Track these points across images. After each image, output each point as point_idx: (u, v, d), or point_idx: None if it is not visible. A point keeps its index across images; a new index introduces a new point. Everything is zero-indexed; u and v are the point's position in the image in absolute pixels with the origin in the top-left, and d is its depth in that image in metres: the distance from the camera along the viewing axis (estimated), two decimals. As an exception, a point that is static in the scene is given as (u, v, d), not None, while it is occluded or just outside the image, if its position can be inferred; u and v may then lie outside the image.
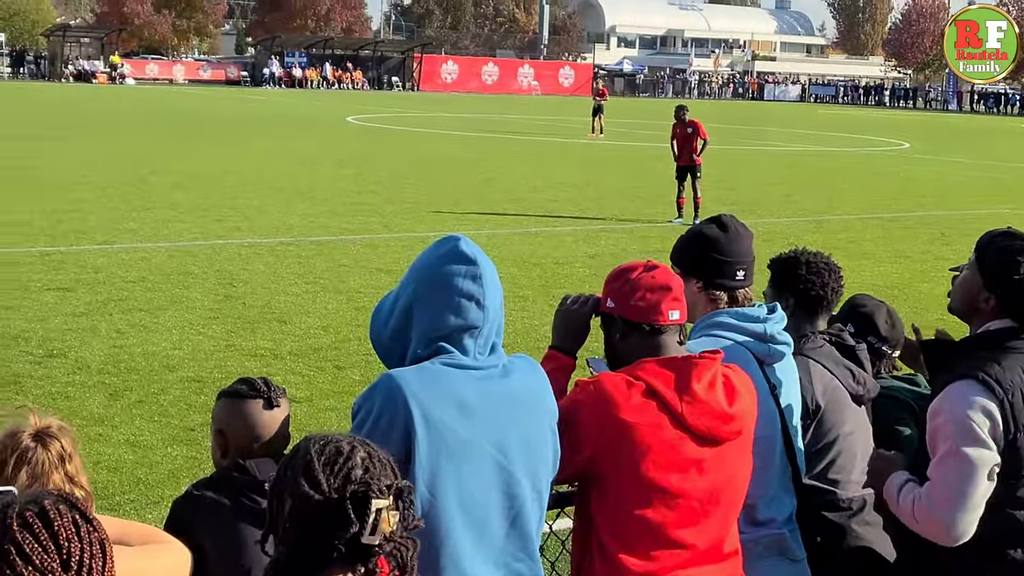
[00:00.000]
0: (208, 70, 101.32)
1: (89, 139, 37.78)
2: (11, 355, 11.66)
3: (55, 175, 27.19)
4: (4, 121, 44.48)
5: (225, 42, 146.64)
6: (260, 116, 55.39)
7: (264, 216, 22.04)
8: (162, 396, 10.54)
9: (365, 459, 2.57)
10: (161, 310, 13.93)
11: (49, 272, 15.88)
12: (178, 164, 30.86)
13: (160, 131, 42.74)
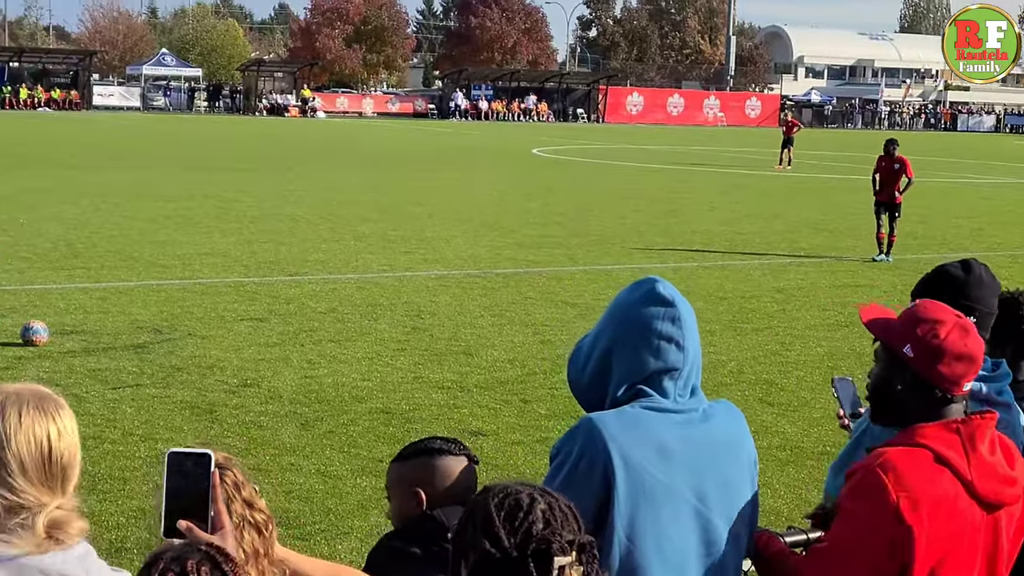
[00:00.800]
0: (396, 103, 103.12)
1: (282, 171, 38.66)
2: (208, 384, 11.94)
3: (250, 207, 27.88)
4: (203, 154, 45.83)
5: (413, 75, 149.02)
6: (447, 148, 56.06)
7: (451, 248, 22.25)
8: (352, 427, 10.66)
9: (546, 511, 2.52)
10: (350, 341, 14.13)
11: (244, 302, 16.25)
12: (366, 196, 31.39)
13: (349, 163, 43.55)
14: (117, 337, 13.87)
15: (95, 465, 9.29)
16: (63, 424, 2.95)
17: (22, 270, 18.14)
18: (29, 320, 13.69)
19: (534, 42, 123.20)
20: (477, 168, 43.30)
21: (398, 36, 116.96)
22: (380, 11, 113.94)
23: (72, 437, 2.96)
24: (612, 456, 3.22)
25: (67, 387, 11.57)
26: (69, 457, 2.94)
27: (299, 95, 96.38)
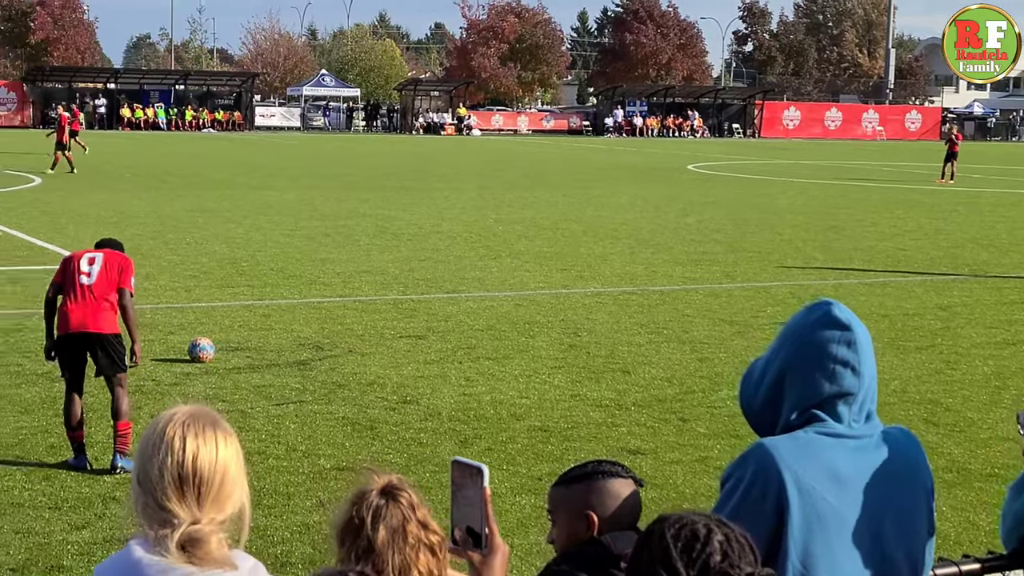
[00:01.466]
0: (551, 120, 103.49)
1: (438, 189, 39.03)
2: (368, 400, 12.09)
3: (407, 225, 28.19)
4: (361, 173, 46.48)
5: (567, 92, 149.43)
6: (602, 165, 56.06)
7: (607, 265, 22.22)
8: (510, 444, 10.69)
9: (723, 542, 2.49)
10: (508, 359, 14.18)
11: (402, 320, 16.42)
12: (522, 213, 31.52)
13: (505, 181, 43.80)
14: (280, 354, 14.13)
15: (260, 480, 9.46)
16: (204, 443, 3.00)
17: (189, 288, 18.57)
18: (196, 337, 14.02)
19: (689, 57, 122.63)
20: (632, 184, 43.23)
21: (553, 54, 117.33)
22: (535, 29, 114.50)
23: (211, 456, 3.00)
24: (785, 482, 3.17)
25: (232, 403, 11.82)
26: (207, 476, 2.98)
27: (455, 113, 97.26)
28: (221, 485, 2.98)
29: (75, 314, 9.82)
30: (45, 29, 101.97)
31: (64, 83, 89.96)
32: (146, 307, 16.79)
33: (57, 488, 9.28)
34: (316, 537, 8.28)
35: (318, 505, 8.95)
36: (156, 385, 12.52)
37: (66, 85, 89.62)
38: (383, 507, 3.40)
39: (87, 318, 9.81)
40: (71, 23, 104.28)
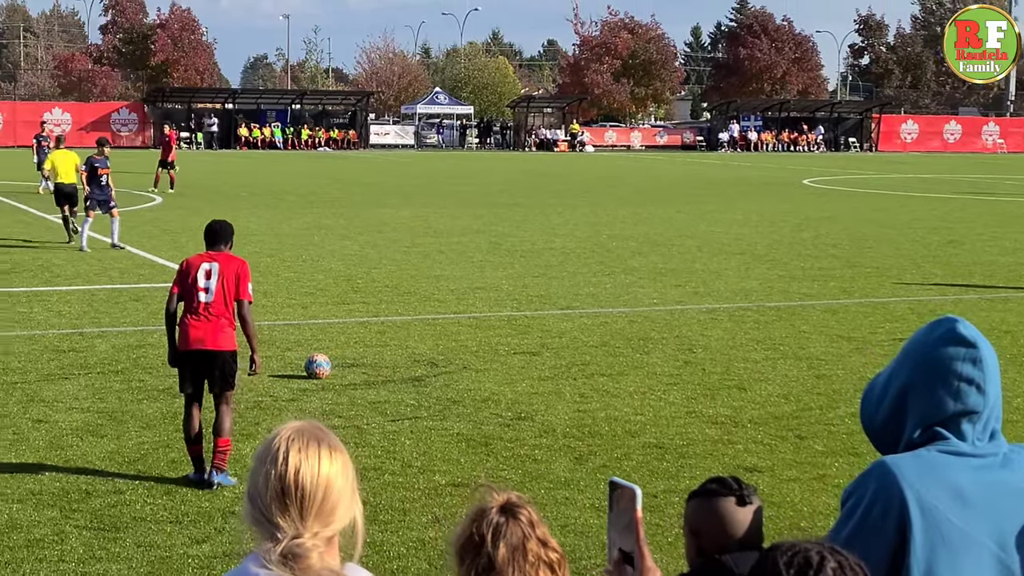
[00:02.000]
0: (664, 136, 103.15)
1: (551, 206, 39.08)
2: (483, 416, 12.12)
3: (521, 241, 28.26)
4: (475, 189, 46.70)
5: (681, 108, 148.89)
6: (716, 180, 55.75)
7: (722, 280, 22.08)
8: (625, 461, 10.65)
9: (836, 570, 2.45)
10: (622, 375, 14.14)
11: (516, 336, 16.45)
12: (636, 229, 31.44)
13: (618, 196, 43.73)
14: (395, 370, 14.23)
15: (376, 496, 9.53)
16: (307, 457, 3.03)
17: (305, 305, 18.78)
18: (312, 354, 14.16)
19: (804, 71, 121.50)
20: (747, 199, 42.92)
21: (666, 69, 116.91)
22: (648, 45, 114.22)
23: (314, 470, 3.02)
24: (908, 501, 3.12)
25: (349, 419, 11.92)
26: (309, 490, 3.01)
27: (568, 130, 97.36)
28: (324, 499, 3.00)
29: (194, 331, 9.96)
30: (165, 51, 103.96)
31: (183, 104, 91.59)
32: (264, 323, 17.01)
33: (178, 502, 9.42)
34: (432, 553, 8.32)
35: (434, 521, 9.00)
36: (273, 401, 12.67)
37: (185, 106, 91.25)
38: (503, 524, 3.41)
39: (206, 336, 9.95)
40: (190, 45, 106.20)
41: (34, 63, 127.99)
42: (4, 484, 9.75)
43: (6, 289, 19.89)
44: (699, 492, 3.90)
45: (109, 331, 16.31)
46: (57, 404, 12.35)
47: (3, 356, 14.58)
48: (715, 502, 3.82)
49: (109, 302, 18.73)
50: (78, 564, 8.11)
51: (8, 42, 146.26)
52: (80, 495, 9.52)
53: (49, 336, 15.93)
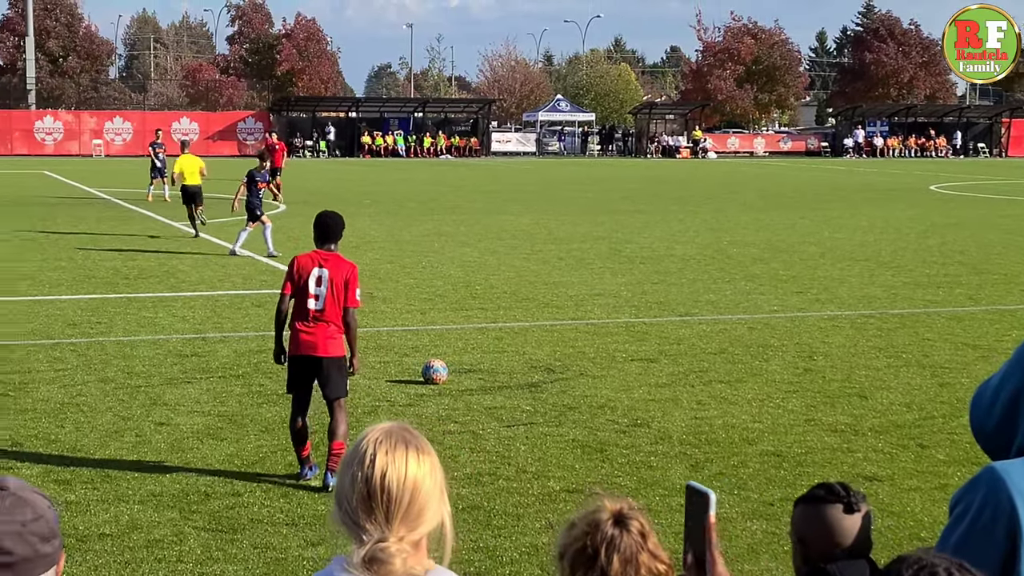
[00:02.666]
0: (788, 142, 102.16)
1: (672, 212, 38.89)
2: (599, 423, 12.08)
3: (640, 248, 28.15)
4: (595, 196, 46.63)
5: (805, 113, 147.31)
6: (840, 186, 55.04)
7: (844, 287, 21.77)
8: (741, 469, 10.54)
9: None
10: (741, 382, 14.00)
11: (634, 343, 16.38)
12: (757, 236, 31.15)
13: (740, 203, 43.38)
14: (512, 376, 14.23)
15: (490, 501, 9.54)
16: (393, 460, 3.00)
17: (424, 311, 18.88)
18: (430, 359, 14.23)
19: (932, 76, 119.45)
20: (872, 206, 42.31)
21: (790, 75, 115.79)
22: (772, 50, 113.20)
23: (400, 473, 2.99)
24: (1017, 507, 3.03)
25: (464, 424, 11.95)
26: (395, 493, 2.98)
27: (690, 136, 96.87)
28: (411, 503, 2.97)
29: (304, 337, 10.08)
30: (290, 61, 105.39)
31: (308, 112, 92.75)
32: (383, 329, 17.16)
33: (294, 505, 9.51)
34: (545, 559, 8.30)
35: (547, 527, 8.97)
36: (391, 406, 12.75)
37: (310, 114, 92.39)
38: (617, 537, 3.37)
39: (315, 342, 10.06)
40: (315, 54, 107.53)
41: (163, 73, 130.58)
42: (126, 485, 9.93)
43: (132, 295, 20.28)
44: (805, 498, 3.83)
45: (231, 336, 16.55)
46: (179, 407, 12.55)
47: (128, 360, 14.87)
48: (822, 509, 3.74)
49: (231, 307, 19.00)
50: (196, 565, 8.23)
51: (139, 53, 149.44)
52: (199, 497, 9.66)
53: (172, 341, 16.21)
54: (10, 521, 2.56)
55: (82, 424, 11.86)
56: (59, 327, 17.15)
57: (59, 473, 10.25)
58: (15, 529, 2.56)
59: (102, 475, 10.20)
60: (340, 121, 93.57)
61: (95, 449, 11.01)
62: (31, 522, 2.59)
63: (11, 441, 11.21)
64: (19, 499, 2.60)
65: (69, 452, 10.90)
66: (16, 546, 2.56)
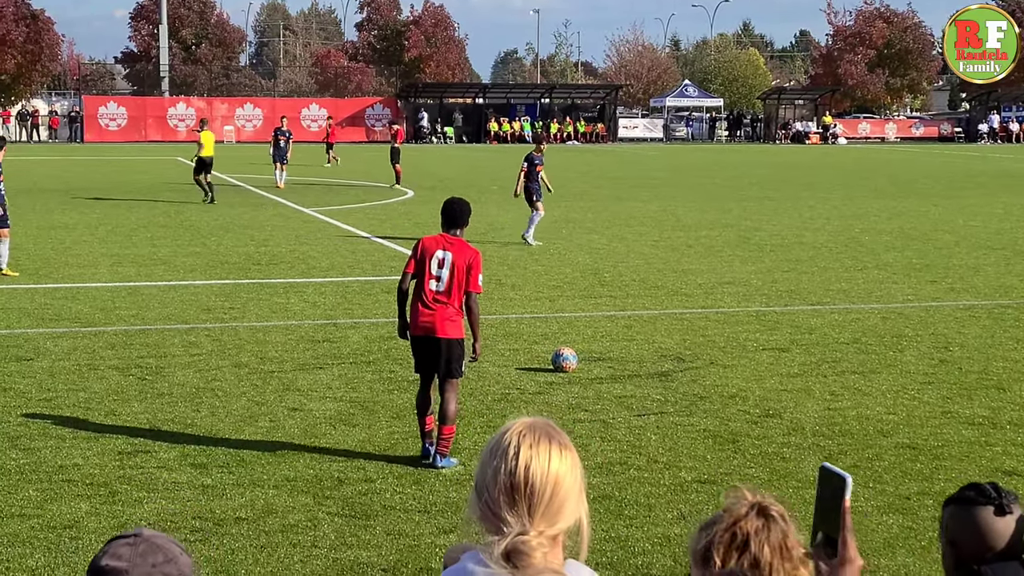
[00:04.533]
0: (920, 127, 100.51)
1: (802, 199, 38.42)
2: (730, 413, 11.97)
3: (770, 236, 27.86)
4: (723, 183, 46.26)
5: (938, 98, 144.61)
6: (975, 173, 53.96)
7: (980, 277, 21.34)
8: (876, 462, 10.38)
9: None
10: (874, 373, 13.79)
11: (765, 332, 16.21)
12: (890, 223, 30.66)
13: (872, 189, 42.73)
14: (642, 365, 14.17)
15: (621, 491, 9.51)
16: (538, 454, 2.99)
17: (552, 299, 18.88)
18: (560, 347, 14.21)
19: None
20: (1009, 193, 41.41)
21: (923, 59, 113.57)
22: (904, 34, 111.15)
23: (544, 467, 2.98)
24: None
25: (594, 412, 11.92)
26: (538, 487, 2.97)
27: (820, 122, 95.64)
28: (552, 497, 2.96)
29: (423, 318, 10.22)
30: (418, 47, 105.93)
31: (435, 99, 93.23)
32: (511, 317, 17.19)
33: (427, 492, 9.57)
34: (677, 550, 8.25)
35: (679, 517, 8.92)
36: (520, 394, 12.77)
37: (437, 101, 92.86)
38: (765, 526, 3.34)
39: (434, 323, 10.16)
40: (443, 41, 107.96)
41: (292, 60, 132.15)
42: (261, 470, 10.06)
43: (265, 280, 20.57)
44: (955, 499, 3.75)
45: (362, 322, 16.69)
46: (311, 393, 12.69)
47: (261, 345, 15.08)
48: (972, 511, 3.66)
49: (362, 293, 19.17)
50: (330, 550, 8.31)
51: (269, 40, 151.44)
52: (332, 482, 9.76)
53: (304, 326, 16.40)
54: (142, 563, 2.80)
55: (217, 409, 12.05)
56: (194, 312, 17.45)
57: (195, 457, 10.43)
58: (146, 571, 2.79)
59: (237, 459, 10.35)
60: (467, 107, 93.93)
61: (230, 433, 11.18)
62: (162, 564, 2.82)
63: (149, 425, 11.43)
64: (151, 544, 2.84)
65: (205, 436, 11.08)
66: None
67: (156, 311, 17.49)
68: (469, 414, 11.85)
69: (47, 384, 12.99)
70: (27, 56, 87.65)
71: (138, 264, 22.39)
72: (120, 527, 8.61)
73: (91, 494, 9.41)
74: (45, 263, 22.43)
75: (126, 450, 10.59)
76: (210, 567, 7.97)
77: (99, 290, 19.38)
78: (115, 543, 2.85)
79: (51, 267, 21.97)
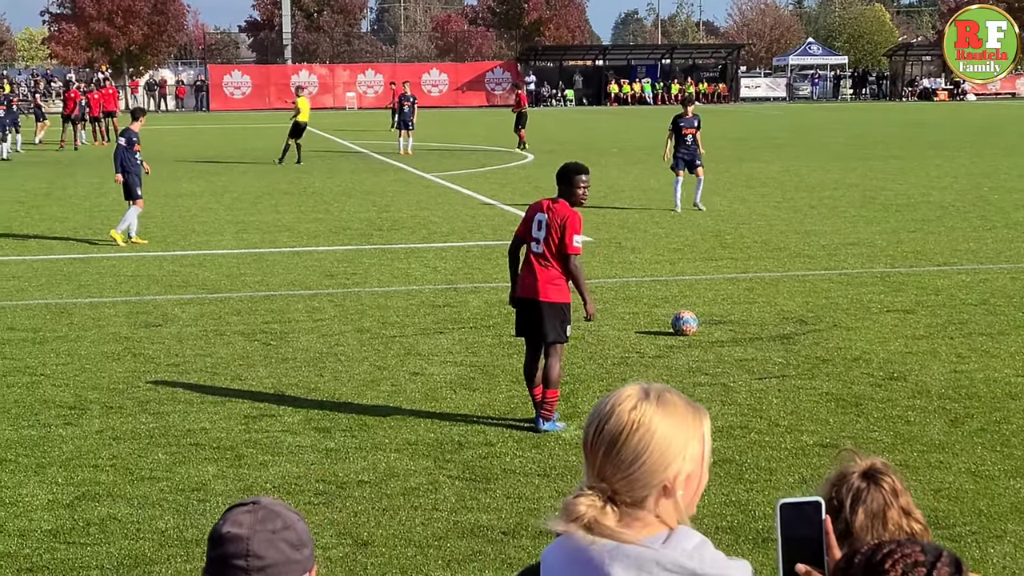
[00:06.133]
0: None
1: (929, 158, 37.73)
2: (853, 376, 11.82)
3: (896, 195, 27.41)
4: (848, 142, 45.59)
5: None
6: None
7: (1114, 235, 20.80)
8: (1004, 425, 10.18)
9: None
10: (1003, 335, 13.52)
11: (889, 293, 15.97)
12: (1020, 181, 30.00)
13: (1002, 147, 41.82)
14: (763, 327, 14.04)
15: (742, 455, 9.45)
16: (627, 411, 2.85)
17: (673, 261, 18.78)
18: (680, 310, 14.14)
19: None
20: None
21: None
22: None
23: (629, 426, 2.83)
24: None
25: (715, 376, 11.85)
26: (618, 446, 2.84)
27: (949, 78, 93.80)
28: (635, 459, 2.83)
29: (525, 281, 10.25)
30: (538, 10, 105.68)
31: (555, 62, 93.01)
32: (631, 280, 17.15)
33: (546, 456, 9.59)
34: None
35: (801, 482, 8.84)
36: (640, 357, 12.73)
37: (557, 64, 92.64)
38: (864, 490, 3.31)
39: (535, 285, 10.19)
40: (562, 3, 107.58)
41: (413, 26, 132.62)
42: (383, 434, 10.16)
43: (386, 246, 20.73)
44: None
45: (481, 287, 16.75)
46: (432, 357, 12.78)
47: (383, 311, 15.21)
48: None
49: (482, 258, 19.24)
50: (450, 513, 8.37)
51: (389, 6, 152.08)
52: (453, 446, 9.83)
53: (425, 292, 16.51)
54: (262, 530, 2.83)
55: (340, 373, 12.19)
56: (317, 278, 17.65)
57: (319, 421, 10.56)
58: (267, 537, 2.83)
59: (359, 423, 10.47)
60: (587, 69, 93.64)
61: (353, 397, 11.31)
62: (281, 530, 2.85)
63: (274, 389, 11.61)
64: (270, 511, 2.87)
65: (328, 400, 11.22)
66: (268, 551, 2.82)
67: (280, 277, 17.73)
68: (588, 378, 11.85)
69: (175, 349, 13.25)
70: (153, 27, 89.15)
71: (262, 231, 22.70)
72: (246, 490, 8.76)
73: (218, 457, 9.58)
74: (173, 231, 22.85)
75: (251, 414, 10.77)
76: (333, 529, 8.08)
77: (225, 257, 19.70)
78: (234, 511, 2.90)
79: (178, 234, 22.37)
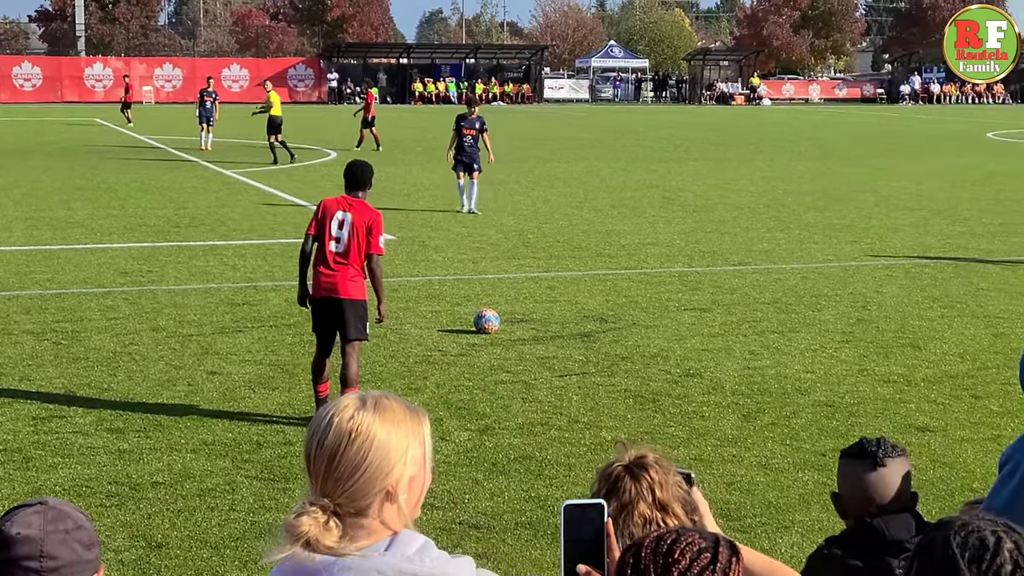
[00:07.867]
0: (844, 88, 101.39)
1: (727, 160, 38.63)
2: (651, 373, 12.03)
3: (694, 196, 27.98)
4: (649, 144, 46.39)
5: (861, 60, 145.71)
6: (896, 134, 54.50)
7: (899, 237, 21.57)
8: (794, 419, 10.48)
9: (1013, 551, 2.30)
10: (793, 332, 13.91)
11: (687, 292, 16.29)
12: (811, 184, 30.90)
13: (795, 151, 43.03)
14: (564, 326, 14.20)
15: (542, 451, 9.53)
16: (342, 422, 2.81)
17: (476, 260, 18.86)
18: (482, 309, 14.20)
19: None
20: (928, 154, 41.87)
21: (847, 20, 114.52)
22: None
23: (345, 437, 2.79)
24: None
25: (516, 374, 11.93)
26: (334, 459, 2.80)
27: (745, 83, 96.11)
28: (355, 470, 2.79)
29: (324, 280, 10.20)
30: (341, 7, 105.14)
31: (358, 59, 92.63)
32: (434, 278, 17.16)
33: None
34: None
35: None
36: (442, 356, 12.75)
37: (360, 61, 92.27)
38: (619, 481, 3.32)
39: (335, 284, 10.14)
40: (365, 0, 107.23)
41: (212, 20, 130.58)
42: (179, 434, 9.98)
43: (183, 243, 20.37)
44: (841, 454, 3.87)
45: (282, 284, 16.57)
46: (231, 356, 12.60)
47: (180, 309, 14.94)
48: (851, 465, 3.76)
49: (283, 256, 19.03)
50: (248, 513, 8.27)
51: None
52: (251, 446, 9.70)
53: (224, 290, 16.27)
54: (54, 531, 2.81)
55: (134, 373, 11.93)
56: (111, 275, 17.25)
57: (112, 422, 10.32)
58: (60, 538, 2.81)
59: (154, 424, 10.26)
60: (391, 68, 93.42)
61: (147, 398, 11.08)
62: (73, 530, 2.83)
63: (64, 390, 11.30)
64: (60, 512, 2.84)
65: (122, 401, 10.97)
66: (62, 552, 2.80)
67: (72, 275, 17.28)
68: (390, 376, 11.82)
69: (-39, 349, 12.81)
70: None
71: (54, 227, 22.09)
72: (34, 493, 8.51)
73: (4, 460, 9.29)
74: (-40, 226, 22.08)
75: (40, 415, 10.47)
76: (126, 532, 7.90)
77: (13, 254, 19.12)
78: (21, 511, 2.82)
79: (-34, 230, 21.63)
